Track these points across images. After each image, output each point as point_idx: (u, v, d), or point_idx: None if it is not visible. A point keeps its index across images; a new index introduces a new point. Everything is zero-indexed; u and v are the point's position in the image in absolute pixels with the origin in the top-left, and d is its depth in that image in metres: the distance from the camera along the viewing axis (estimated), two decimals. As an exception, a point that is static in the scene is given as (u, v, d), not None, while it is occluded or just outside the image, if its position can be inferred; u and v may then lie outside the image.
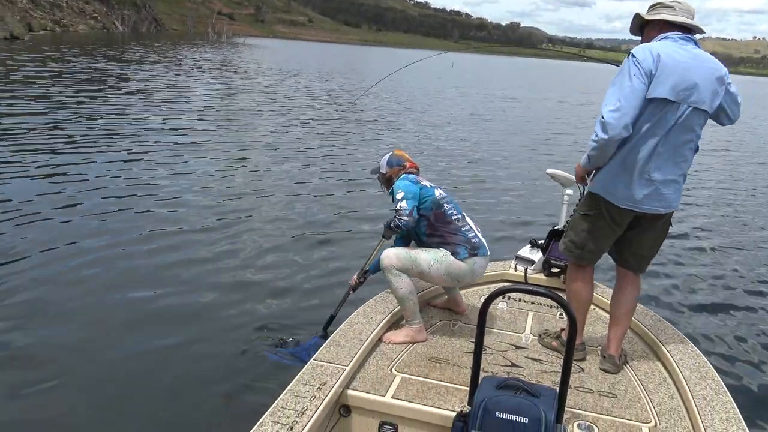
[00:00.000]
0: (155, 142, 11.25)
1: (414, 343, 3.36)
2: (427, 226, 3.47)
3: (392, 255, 3.39)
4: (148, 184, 8.40)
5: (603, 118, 2.75)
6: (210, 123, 14.08)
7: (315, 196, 8.54)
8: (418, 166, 3.79)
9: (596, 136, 2.81)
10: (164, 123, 13.43)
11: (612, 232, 3.08)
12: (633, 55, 2.79)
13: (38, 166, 8.65)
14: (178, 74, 26.12)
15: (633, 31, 3.17)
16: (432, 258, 3.39)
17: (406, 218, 3.38)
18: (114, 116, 13.57)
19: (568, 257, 3.25)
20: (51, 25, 52.91)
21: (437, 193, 3.52)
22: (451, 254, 3.39)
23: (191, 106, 16.63)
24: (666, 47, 2.82)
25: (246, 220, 7.19)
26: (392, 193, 3.53)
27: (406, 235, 3.70)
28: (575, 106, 28.88)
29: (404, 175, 3.63)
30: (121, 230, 6.41)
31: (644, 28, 3.07)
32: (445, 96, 28.40)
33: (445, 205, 3.50)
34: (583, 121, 21.87)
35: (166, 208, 7.38)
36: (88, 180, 8.21)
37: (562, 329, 3.47)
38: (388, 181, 3.72)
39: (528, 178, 11.22)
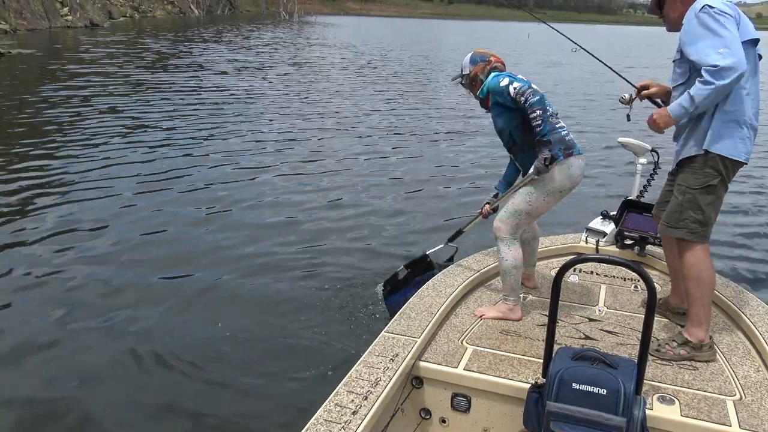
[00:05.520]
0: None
1: (507, 320, 3.26)
2: (521, 125, 3.18)
3: (497, 221, 3.25)
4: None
5: (716, 66, 2.55)
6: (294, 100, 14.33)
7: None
8: (503, 61, 3.45)
9: (713, 84, 2.57)
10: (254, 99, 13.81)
11: (725, 193, 2.93)
12: (710, 7, 2.67)
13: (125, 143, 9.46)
14: (259, 53, 26.66)
15: (652, 9, 3.05)
16: (525, 194, 3.18)
17: (530, 91, 3.02)
18: (190, 93, 14.25)
19: (695, 240, 2.85)
20: (130, 11, 54.78)
21: (533, 86, 3.12)
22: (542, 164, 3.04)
23: (272, 83, 16.95)
24: None
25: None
26: (487, 91, 3.23)
27: (514, 170, 3.53)
28: (651, 69, 27.61)
29: (493, 73, 3.29)
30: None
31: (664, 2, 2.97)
32: (518, 68, 27.78)
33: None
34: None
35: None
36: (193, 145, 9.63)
37: (682, 327, 3.03)
38: (473, 81, 3.40)
39: (596, 148, 10.88)
